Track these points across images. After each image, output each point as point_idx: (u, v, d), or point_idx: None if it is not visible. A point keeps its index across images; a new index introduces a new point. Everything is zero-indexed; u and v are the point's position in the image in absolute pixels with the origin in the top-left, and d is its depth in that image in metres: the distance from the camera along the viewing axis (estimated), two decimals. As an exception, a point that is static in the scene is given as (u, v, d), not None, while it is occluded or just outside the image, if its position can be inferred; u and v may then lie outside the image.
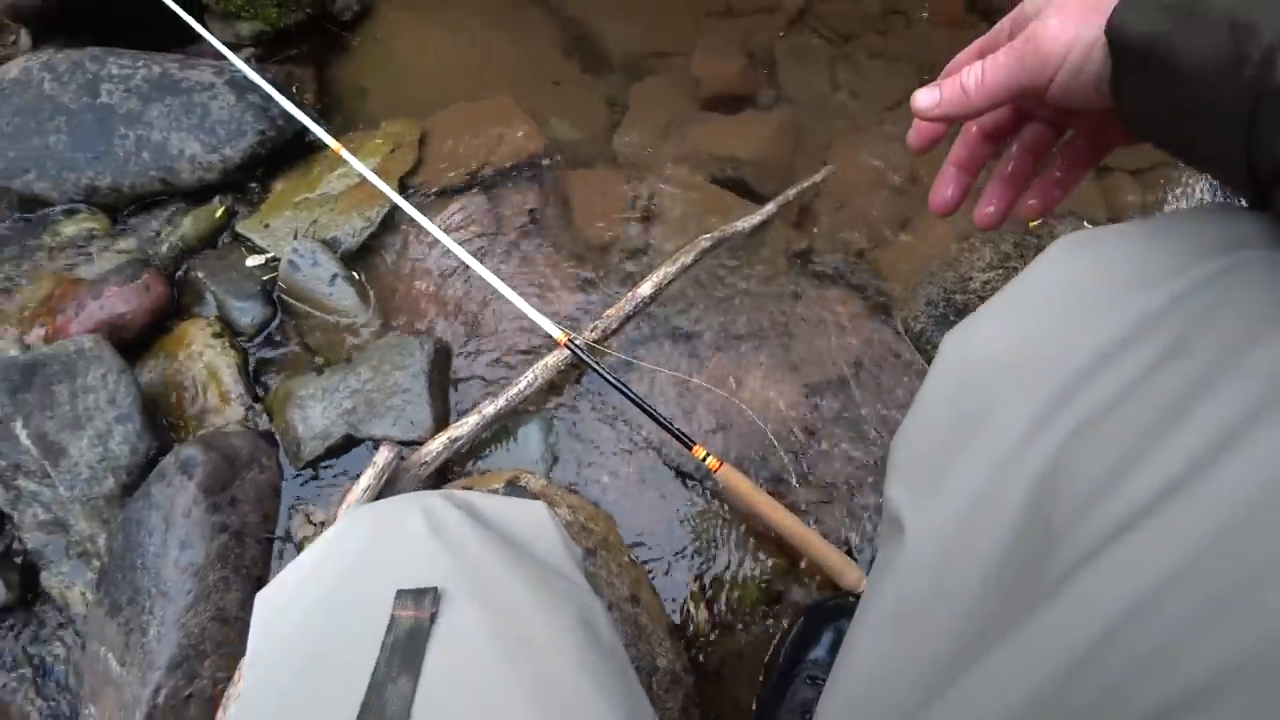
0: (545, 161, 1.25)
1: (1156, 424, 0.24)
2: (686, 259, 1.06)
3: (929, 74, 0.37)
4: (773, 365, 1.05)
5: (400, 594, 0.36)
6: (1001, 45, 0.33)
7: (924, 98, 0.35)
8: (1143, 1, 0.26)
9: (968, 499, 0.29)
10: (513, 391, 0.92)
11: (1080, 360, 0.27)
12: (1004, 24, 0.34)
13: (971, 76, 0.33)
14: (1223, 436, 0.22)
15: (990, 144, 0.39)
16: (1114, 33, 0.27)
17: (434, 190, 1.20)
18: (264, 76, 1.13)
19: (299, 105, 1.08)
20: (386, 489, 0.86)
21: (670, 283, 1.05)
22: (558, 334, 0.89)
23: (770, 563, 0.90)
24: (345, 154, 0.99)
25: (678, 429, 0.87)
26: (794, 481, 0.95)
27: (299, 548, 0.92)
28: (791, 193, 1.17)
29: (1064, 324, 0.29)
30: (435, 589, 0.37)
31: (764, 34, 1.50)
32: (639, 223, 1.18)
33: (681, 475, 0.95)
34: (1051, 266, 0.32)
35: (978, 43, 0.36)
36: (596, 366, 0.88)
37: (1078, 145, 0.37)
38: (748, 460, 0.97)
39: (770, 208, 1.14)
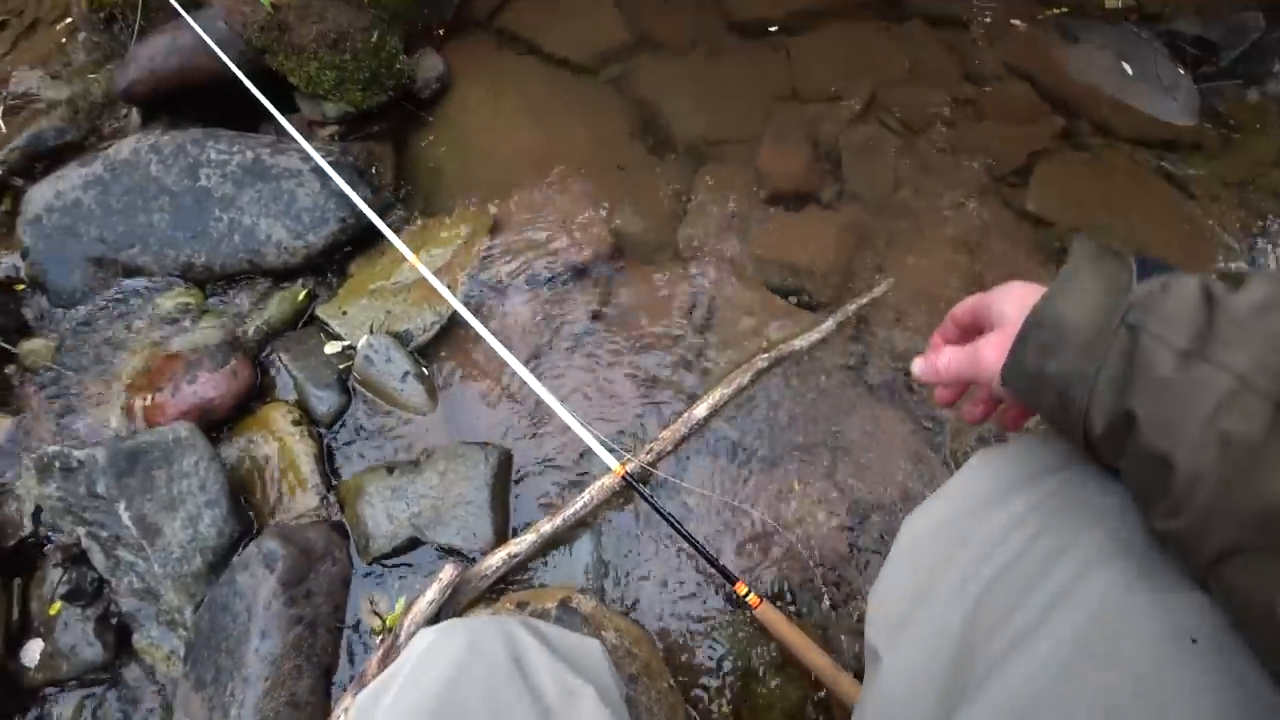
0: (609, 257, 1.28)
1: (1027, 583, 0.38)
2: (743, 379, 1.09)
3: (994, 165, 0.46)
4: (820, 484, 1.08)
5: None
6: (967, 320, 0.48)
7: (917, 367, 0.49)
8: (1013, 365, 0.40)
9: (923, 638, 0.43)
10: (569, 511, 0.97)
11: (988, 537, 0.42)
12: (968, 313, 0.48)
13: (941, 362, 0.47)
14: (1061, 592, 0.36)
15: None
16: (1003, 380, 0.42)
17: (502, 283, 1.25)
18: (347, 158, 1.19)
19: (375, 193, 1.14)
20: (449, 601, 0.92)
21: (725, 404, 1.08)
22: (614, 465, 0.94)
23: (803, 693, 0.93)
24: (422, 269, 1.05)
25: (722, 564, 0.91)
26: (831, 611, 0.98)
27: (367, 639, 0.99)
28: (851, 309, 1.18)
29: (978, 511, 0.44)
30: None
31: (830, 123, 1.50)
32: (698, 330, 1.21)
33: (723, 597, 0.99)
34: (970, 471, 0.48)
35: (955, 314, 0.49)
36: (650, 499, 0.93)
37: None
38: (790, 585, 1.00)
39: (830, 325, 1.16)
